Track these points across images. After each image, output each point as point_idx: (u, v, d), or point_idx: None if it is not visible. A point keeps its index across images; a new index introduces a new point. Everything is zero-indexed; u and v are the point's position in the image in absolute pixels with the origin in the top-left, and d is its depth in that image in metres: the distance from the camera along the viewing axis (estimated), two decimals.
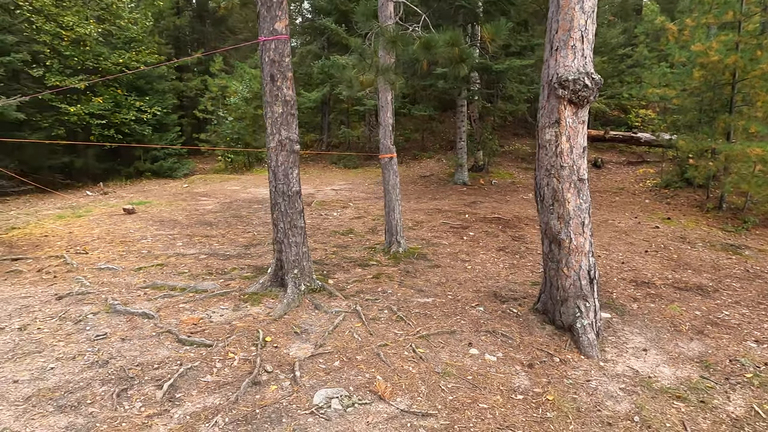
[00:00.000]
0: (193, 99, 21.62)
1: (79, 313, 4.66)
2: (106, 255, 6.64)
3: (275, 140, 4.87)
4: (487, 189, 13.00)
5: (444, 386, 3.59)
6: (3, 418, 3.07)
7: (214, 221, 8.96)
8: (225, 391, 3.44)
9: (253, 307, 4.90)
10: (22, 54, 12.94)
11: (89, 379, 3.53)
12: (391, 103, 6.47)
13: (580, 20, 4.15)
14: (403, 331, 4.48)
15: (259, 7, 4.66)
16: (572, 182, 4.34)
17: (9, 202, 12.19)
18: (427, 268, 6.30)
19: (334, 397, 3.39)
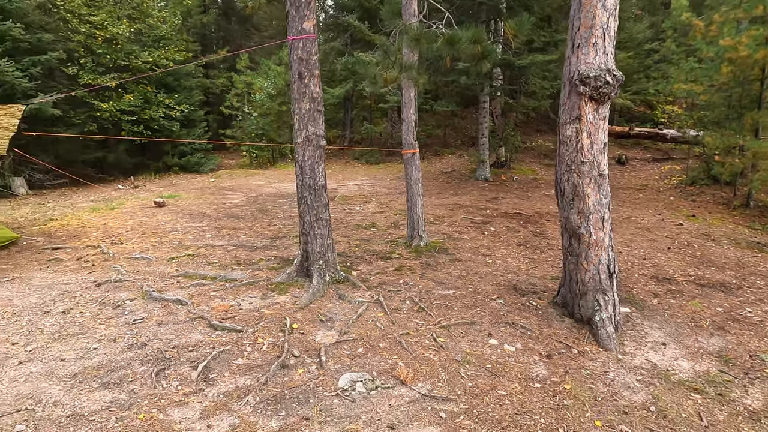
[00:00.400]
0: (219, 95, 22.05)
1: (117, 299, 4.93)
2: (140, 245, 6.94)
3: (302, 136, 5.05)
4: (509, 185, 13.01)
5: (464, 373, 3.72)
6: (53, 392, 3.32)
7: (241, 214, 9.23)
8: (255, 373, 3.64)
9: (280, 296, 5.10)
10: (58, 53, 13.43)
11: (129, 359, 3.77)
12: (414, 99, 6.59)
13: (602, 17, 4.21)
14: (425, 321, 4.63)
15: (288, 6, 4.84)
16: (592, 177, 4.41)
17: (45, 194, 12.70)
18: (448, 262, 6.43)
19: (359, 380, 3.55)
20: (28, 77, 12.20)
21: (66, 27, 14.39)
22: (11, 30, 11.97)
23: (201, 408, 3.20)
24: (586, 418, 3.23)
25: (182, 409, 3.19)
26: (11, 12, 12.36)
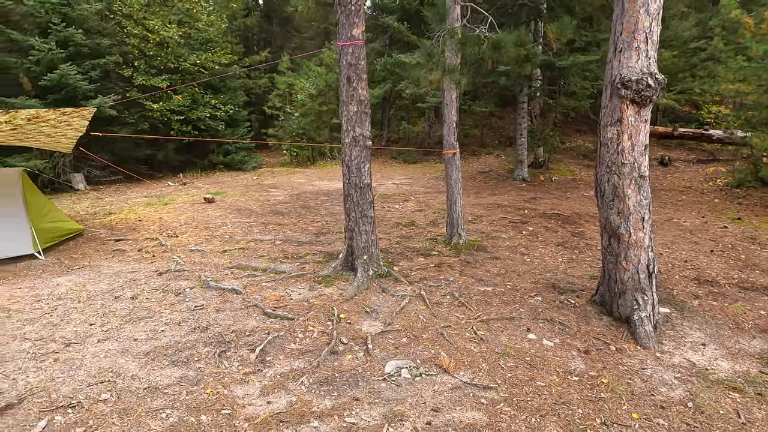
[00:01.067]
0: (260, 95, 22.71)
1: (178, 287, 5.34)
2: (194, 239, 7.39)
3: (350, 136, 5.32)
4: (547, 185, 12.99)
5: (503, 365, 3.90)
6: (130, 368, 3.69)
7: (285, 211, 9.63)
8: (307, 357, 3.93)
9: (327, 288, 5.39)
10: (115, 56, 14.22)
11: (194, 341, 4.13)
12: (455, 101, 6.78)
13: (645, 22, 4.30)
14: (465, 315, 4.82)
15: (339, 15, 5.11)
16: (633, 179, 4.50)
17: (102, 189, 13.50)
18: (486, 260, 6.59)
19: (404, 367, 3.79)
20: (88, 79, 12.99)
21: (122, 32, 15.19)
22: (74, 36, 12.77)
23: (260, 386, 3.51)
24: (623, 410, 3.36)
25: (244, 386, 3.50)
26: (73, 19, 13.18)
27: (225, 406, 3.26)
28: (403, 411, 3.24)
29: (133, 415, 3.12)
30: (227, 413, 3.18)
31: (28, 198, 6.82)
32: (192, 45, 16.67)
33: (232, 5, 19.36)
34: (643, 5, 4.26)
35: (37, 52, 12.37)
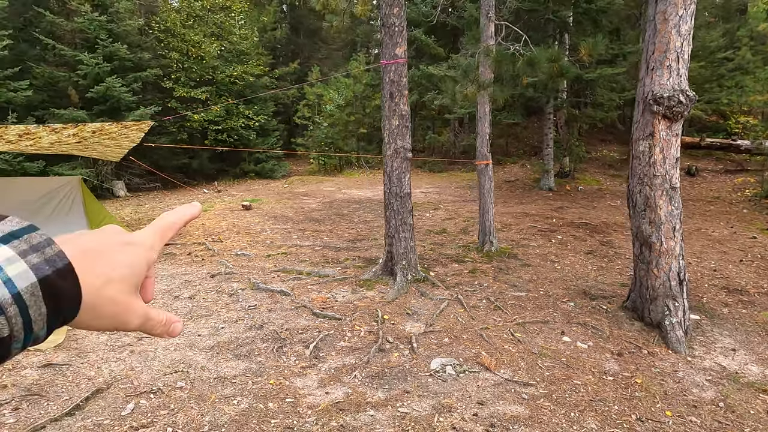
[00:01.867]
0: (288, 106, 23.32)
1: (230, 288, 5.73)
2: (238, 244, 7.81)
3: (391, 149, 5.66)
4: (574, 195, 13.14)
5: (541, 364, 4.16)
6: (199, 360, 4.06)
7: (320, 218, 10.02)
8: (357, 354, 4.25)
9: (368, 291, 5.72)
10: (155, 69, 14.91)
11: (252, 338, 4.49)
12: (488, 114, 7.07)
13: (676, 42, 4.55)
14: (501, 318, 5.09)
15: (382, 35, 5.47)
16: (664, 190, 4.73)
17: (141, 196, 14.12)
18: (518, 267, 6.83)
19: (448, 364, 4.08)
20: (131, 92, 13.66)
21: (161, 46, 15.90)
22: (119, 50, 13.47)
23: (317, 378, 3.84)
24: (657, 408, 3.59)
25: (302, 378, 3.83)
26: (118, 34, 13.90)
27: (288, 395, 3.59)
28: (451, 403, 3.53)
29: (207, 401, 3.48)
30: (291, 401, 3.51)
31: (87, 204, 7.33)
32: (226, 57, 17.32)
33: (263, 18, 20.01)
34: (674, 27, 4.51)
35: (85, 67, 13.09)
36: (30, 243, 0.38)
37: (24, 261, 0.36)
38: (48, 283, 0.37)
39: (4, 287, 0.34)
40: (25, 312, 0.35)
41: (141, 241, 0.47)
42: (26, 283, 0.35)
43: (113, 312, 0.43)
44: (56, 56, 13.64)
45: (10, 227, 0.38)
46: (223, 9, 17.15)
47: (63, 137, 6.09)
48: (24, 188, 6.98)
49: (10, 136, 5.77)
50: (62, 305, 0.38)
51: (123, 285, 0.43)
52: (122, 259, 0.44)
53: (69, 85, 13.38)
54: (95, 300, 0.41)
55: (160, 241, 0.49)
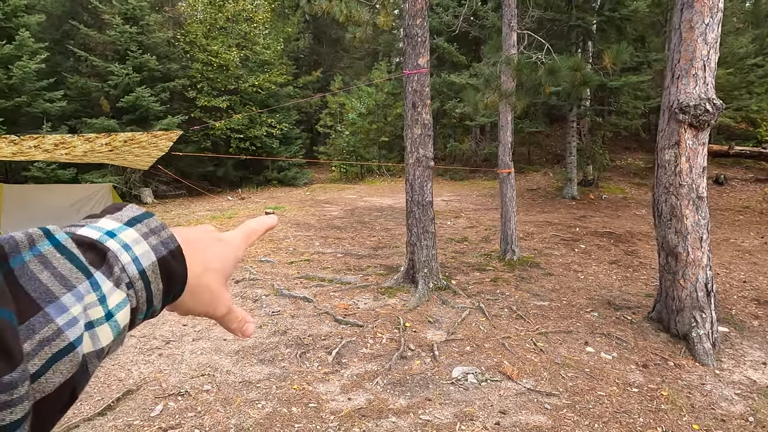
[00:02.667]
0: (311, 114, 23.62)
1: (254, 294, 5.83)
2: (262, 250, 7.94)
3: (413, 157, 5.71)
4: (597, 204, 12.98)
5: (564, 374, 4.13)
6: (224, 364, 4.15)
7: (342, 226, 10.11)
8: (379, 360, 4.28)
9: (390, 298, 5.75)
10: (182, 79, 15.30)
11: (276, 343, 4.56)
12: (510, 122, 7.07)
13: (703, 51, 4.50)
14: (523, 327, 5.06)
15: (405, 46, 5.55)
16: (691, 199, 4.66)
17: (167, 203, 14.44)
18: (540, 276, 6.79)
19: (470, 372, 4.08)
20: (159, 101, 14.04)
21: (186, 57, 16.32)
22: (148, 61, 13.88)
23: (340, 384, 3.88)
24: (684, 421, 3.53)
25: (325, 384, 3.88)
26: (148, 46, 14.33)
27: (311, 400, 3.64)
28: (473, 412, 3.53)
29: (233, 404, 3.55)
30: (314, 407, 3.56)
31: None
32: (249, 67, 17.66)
33: (287, 29, 20.38)
34: (701, 35, 4.47)
35: (116, 77, 13.52)
36: (149, 227, 0.42)
37: (146, 242, 0.40)
38: (164, 262, 0.41)
39: (133, 264, 0.39)
40: (148, 287, 0.39)
41: (231, 240, 0.51)
42: (148, 262, 0.40)
43: (208, 298, 0.47)
44: (89, 67, 14.13)
45: (132, 213, 0.43)
46: (246, 20, 17.52)
47: (96, 146, 6.31)
48: (59, 195, 7.24)
49: (47, 145, 6.01)
50: (173, 283, 0.42)
51: (218, 275, 0.47)
52: (218, 251, 0.48)
53: (101, 95, 13.84)
54: (196, 285, 0.45)
55: (244, 242, 0.53)
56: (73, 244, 0.36)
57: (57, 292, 0.33)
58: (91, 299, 0.35)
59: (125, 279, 0.38)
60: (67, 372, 0.32)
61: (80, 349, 0.33)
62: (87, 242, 0.38)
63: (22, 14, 12.11)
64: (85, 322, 0.34)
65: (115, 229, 0.40)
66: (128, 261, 0.39)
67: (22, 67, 11.32)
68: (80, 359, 0.33)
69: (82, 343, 0.34)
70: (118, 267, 0.38)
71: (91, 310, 0.35)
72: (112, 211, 0.42)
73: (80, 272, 0.35)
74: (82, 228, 0.39)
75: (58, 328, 0.32)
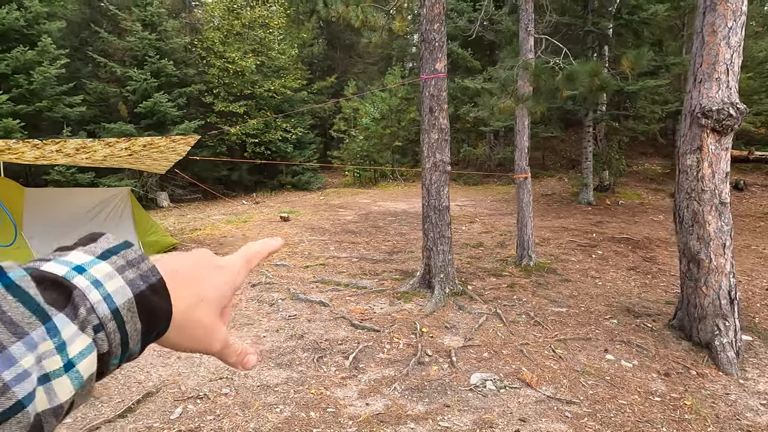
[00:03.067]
0: (325, 119, 23.73)
1: (271, 298, 5.85)
2: (277, 254, 7.97)
3: (430, 162, 5.70)
4: (614, 209, 12.84)
5: (584, 382, 4.07)
6: None
7: (356, 230, 10.12)
8: (396, 366, 4.26)
9: (406, 303, 5.73)
10: (199, 85, 15.48)
11: (293, 347, 4.57)
12: (527, 127, 7.03)
13: (726, 54, 4.44)
14: (541, 334, 5.01)
15: (423, 51, 5.55)
16: (713, 205, 4.58)
17: (183, 207, 14.58)
18: (557, 282, 6.72)
19: (488, 379, 4.05)
20: (176, 107, 14.21)
21: (203, 62, 16.52)
22: (166, 67, 14.08)
23: (357, 389, 3.87)
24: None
25: (342, 389, 3.87)
26: (166, 52, 14.53)
27: (329, 405, 3.63)
28: (492, 419, 3.49)
29: (252, 408, 3.56)
30: (332, 411, 3.55)
31: (136, 214, 7.64)
32: (264, 72, 17.81)
33: (302, 35, 20.54)
34: (723, 38, 4.41)
35: (134, 83, 13.72)
36: (126, 258, 0.38)
37: (121, 277, 0.37)
38: (143, 298, 0.37)
39: (104, 303, 0.35)
40: (123, 328, 0.35)
41: (230, 266, 0.47)
42: (123, 299, 0.36)
43: (200, 333, 0.43)
44: (107, 73, 14.36)
45: (107, 244, 0.39)
46: (262, 26, 17.69)
47: (116, 151, 6.39)
48: (79, 199, 7.35)
49: (68, 149, 6.10)
50: (155, 322, 0.38)
51: (212, 307, 0.43)
52: (212, 281, 0.44)
53: (119, 100, 14.05)
54: (184, 320, 0.41)
55: (245, 267, 0.49)
56: (32, 282, 0.32)
57: (4, 341, 0.29)
58: (46, 347, 0.31)
59: (93, 321, 0.34)
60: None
61: (31, 408, 0.29)
62: (50, 279, 0.34)
63: (44, 21, 12.36)
64: (39, 375, 0.30)
65: (86, 263, 0.36)
66: (98, 299, 0.35)
67: (42, 73, 11.54)
68: (31, 420, 0.29)
69: (34, 401, 0.29)
70: (85, 307, 0.34)
71: (47, 361, 0.31)
72: (86, 242, 0.39)
73: (35, 316, 0.31)
74: (48, 263, 0.35)
75: (4, 384, 0.28)
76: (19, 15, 11.44)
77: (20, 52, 11.25)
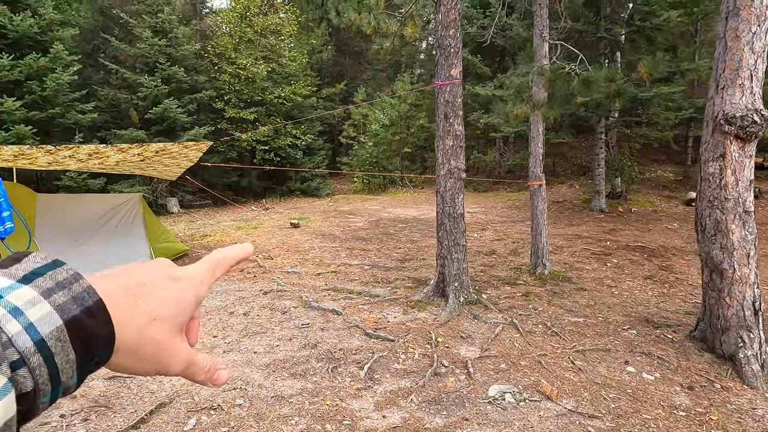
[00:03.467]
0: (333, 125, 23.76)
1: (283, 306, 5.78)
2: (288, 261, 7.92)
3: (445, 169, 5.63)
4: (627, 217, 12.69)
5: (606, 395, 3.96)
6: (256, 377, 4.10)
7: (367, 237, 10.05)
8: (412, 377, 4.18)
9: (420, 312, 5.65)
10: (209, 91, 15.54)
11: (307, 356, 4.49)
12: (542, 134, 6.95)
13: (749, 60, 4.34)
14: (559, 344, 4.90)
15: (438, 57, 5.50)
16: (737, 214, 4.47)
17: (193, 212, 14.59)
18: (573, 291, 6.61)
19: (507, 392, 3.95)
20: (186, 113, 14.26)
21: (214, 69, 16.60)
22: (177, 73, 14.14)
23: (373, 401, 3.78)
24: None
25: (358, 400, 3.79)
26: (176, 58, 14.60)
27: (345, 417, 3.55)
28: None
29: (266, 420, 3.48)
30: (348, 424, 3.47)
31: (147, 221, 7.62)
32: (275, 79, 17.87)
33: (312, 41, 20.61)
34: (747, 44, 4.32)
35: (145, 89, 13.79)
36: (55, 280, 0.34)
37: (48, 302, 0.32)
38: (76, 324, 0.33)
39: (26, 334, 0.30)
40: (51, 361, 0.31)
41: (191, 276, 0.44)
42: (51, 328, 0.31)
43: (155, 354, 0.39)
44: (119, 79, 14.45)
45: (33, 264, 0.34)
46: (273, 33, 17.76)
47: (129, 156, 6.38)
48: (91, 205, 7.34)
49: (81, 155, 6.10)
50: (93, 348, 0.34)
51: (167, 324, 0.40)
52: (168, 295, 0.41)
53: (130, 106, 14.12)
54: (137, 341, 0.37)
55: (210, 276, 0.46)
56: None
57: None
58: None
59: (12, 356, 0.29)
60: None
61: None
62: None
63: (57, 28, 12.47)
64: None
65: (3, 289, 0.32)
66: (18, 330, 0.30)
67: (55, 79, 11.62)
68: None
69: None
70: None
71: None
72: (8, 263, 0.34)
73: None
74: None
75: None
76: (32, 22, 11.54)
77: (33, 58, 11.33)
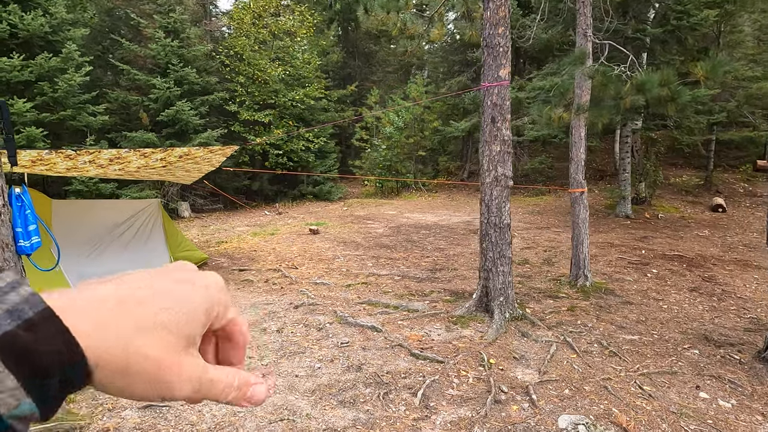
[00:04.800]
0: (344, 128, 23.42)
1: (317, 321, 5.43)
2: (314, 271, 7.56)
3: (491, 176, 5.28)
4: (655, 223, 12.31)
5: (685, 426, 3.61)
6: (302, 406, 3.74)
7: (391, 245, 9.69)
8: (471, 404, 3.82)
9: (464, 329, 5.29)
10: (222, 93, 15.22)
11: (353, 381, 4.14)
12: (584, 139, 6.60)
13: None
14: (621, 366, 4.54)
15: (485, 57, 5.15)
16: None
17: (204, 217, 14.26)
18: (619, 304, 6.25)
19: (580, 423, 3.59)
20: (198, 115, 13.93)
21: (226, 70, 16.28)
22: (188, 74, 13.82)
23: None
24: None
25: None
26: (188, 59, 14.29)
27: None
28: None
29: None
30: None
31: (167, 228, 7.28)
32: (287, 81, 17.55)
33: (322, 43, 20.29)
34: None
35: (157, 90, 13.47)
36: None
37: None
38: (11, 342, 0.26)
39: None
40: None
41: (209, 282, 0.35)
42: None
43: (146, 372, 0.30)
44: (129, 81, 14.13)
45: None
46: (288, 35, 17.46)
47: (151, 162, 6.05)
48: (108, 211, 7.01)
49: (102, 160, 5.77)
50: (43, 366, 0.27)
51: (160, 335, 0.31)
52: (165, 300, 0.32)
53: (140, 108, 13.80)
54: (125, 356, 0.30)
55: (227, 310, 0.36)
56: None
57: None
58: None
59: None
60: None
61: None
62: None
63: (68, 28, 12.15)
64: None
65: None
66: None
67: (67, 80, 11.30)
68: None
69: None
70: None
71: None
72: None
73: None
74: None
75: None
76: (44, 21, 11.22)
77: (44, 58, 11.01)
